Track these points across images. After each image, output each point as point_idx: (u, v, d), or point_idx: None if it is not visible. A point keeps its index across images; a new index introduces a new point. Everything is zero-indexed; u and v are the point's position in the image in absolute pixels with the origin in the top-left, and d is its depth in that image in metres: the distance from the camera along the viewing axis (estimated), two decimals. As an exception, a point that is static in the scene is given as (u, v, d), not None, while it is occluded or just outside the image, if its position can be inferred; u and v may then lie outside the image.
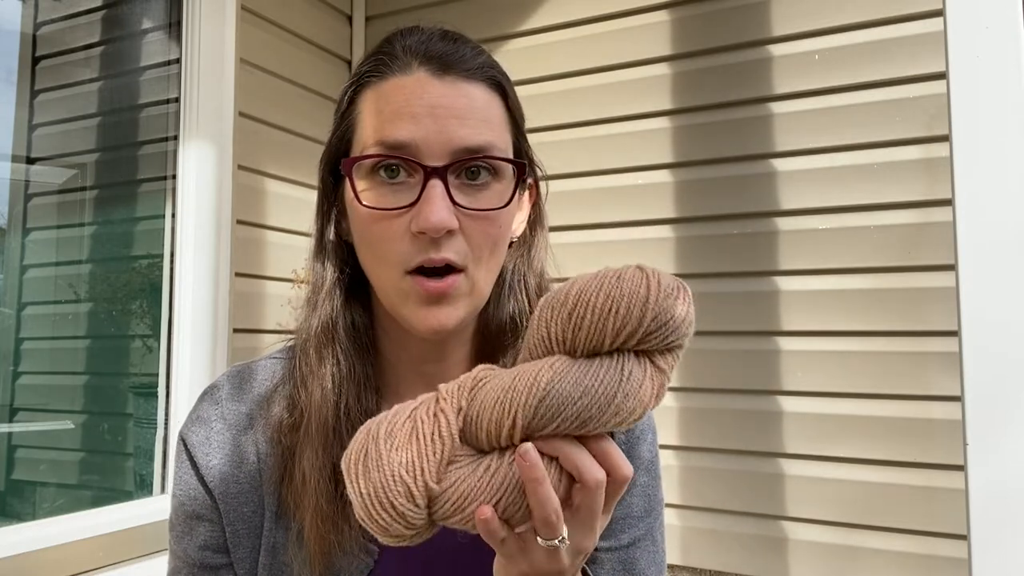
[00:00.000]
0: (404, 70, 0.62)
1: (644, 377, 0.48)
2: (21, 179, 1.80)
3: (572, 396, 0.46)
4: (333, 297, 0.67)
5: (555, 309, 0.48)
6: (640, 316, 0.47)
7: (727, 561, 1.67)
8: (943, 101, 1.48)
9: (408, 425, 0.47)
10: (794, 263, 1.65)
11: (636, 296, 0.47)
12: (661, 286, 0.47)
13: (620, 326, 0.47)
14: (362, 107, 0.64)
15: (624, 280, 0.47)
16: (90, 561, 1.45)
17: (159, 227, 1.79)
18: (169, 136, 1.80)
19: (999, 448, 1.36)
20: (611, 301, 0.47)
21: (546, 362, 0.48)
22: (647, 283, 0.47)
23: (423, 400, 0.50)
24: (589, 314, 0.47)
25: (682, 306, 0.48)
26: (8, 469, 1.73)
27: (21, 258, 1.79)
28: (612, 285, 0.47)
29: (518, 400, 0.46)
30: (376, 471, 0.46)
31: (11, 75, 1.82)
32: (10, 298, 1.73)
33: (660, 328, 0.47)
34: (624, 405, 0.47)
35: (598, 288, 0.47)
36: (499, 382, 0.48)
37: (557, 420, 0.46)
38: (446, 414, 0.47)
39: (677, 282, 0.49)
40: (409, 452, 0.46)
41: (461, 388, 0.49)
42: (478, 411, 0.48)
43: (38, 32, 1.87)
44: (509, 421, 0.46)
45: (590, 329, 0.47)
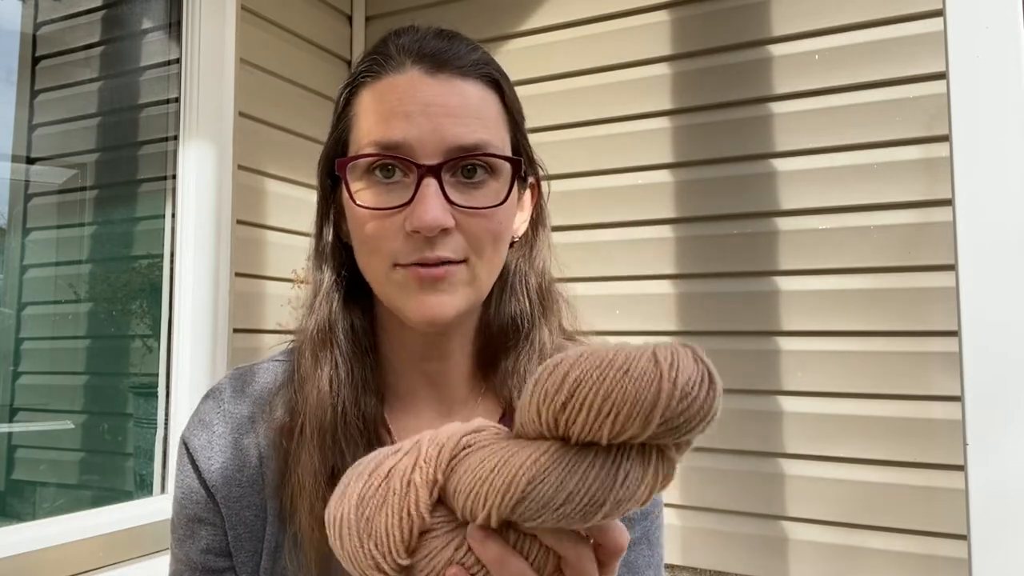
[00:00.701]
0: (398, 69, 0.62)
1: (645, 474, 0.42)
2: (21, 179, 1.80)
3: (554, 502, 0.41)
4: (331, 300, 0.66)
5: (549, 395, 0.42)
6: (645, 423, 0.40)
7: (727, 561, 1.67)
8: (943, 101, 1.48)
9: (380, 493, 0.45)
10: (794, 263, 1.65)
11: (642, 400, 0.39)
12: (677, 387, 0.39)
13: (619, 431, 0.40)
14: (357, 108, 0.64)
15: (631, 376, 0.40)
16: (90, 561, 1.45)
17: (159, 227, 1.79)
18: (169, 136, 1.80)
19: (999, 448, 1.36)
20: (610, 404, 0.40)
21: (533, 452, 0.43)
22: (659, 382, 0.39)
23: (402, 456, 0.46)
24: (584, 413, 0.40)
25: (702, 406, 0.40)
26: (8, 469, 1.73)
27: (21, 258, 1.79)
28: (615, 381, 0.40)
29: (494, 498, 0.42)
30: (348, 539, 0.45)
31: (11, 75, 1.82)
32: (10, 298, 1.73)
33: (670, 431, 0.40)
34: (614, 510, 0.42)
35: (598, 382, 0.40)
36: (480, 465, 0.44)
37: (537, 521, 0.42)
38: (417, 489, 0.45)
39: (701, 374, 0.41)
40: (379, 524, 0.44)
41: (440, 456, 0.45)
42: (454, 489, 0.45)
43: (38, 32, 1.87)
44: (484, 514, 0.43)
45: (584, 427, 0.41)
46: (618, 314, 1.81)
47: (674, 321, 1.75)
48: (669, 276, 1.77)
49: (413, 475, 0.45)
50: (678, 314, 1.75)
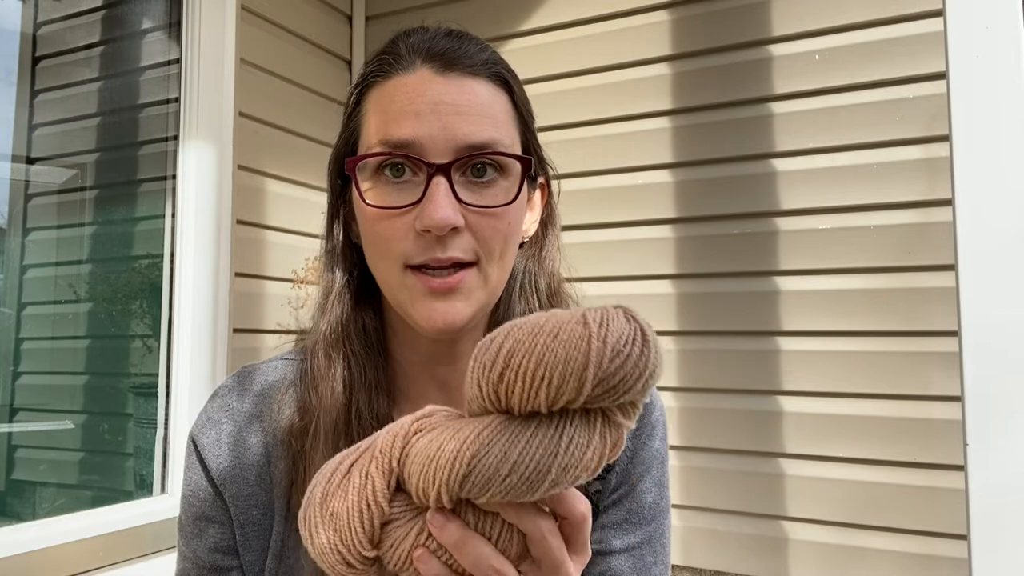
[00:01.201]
0: (408, 69, 0.62)
1: (591, 439, 0.42)
2: (21, 179, 1.80)
3: (499, 473, 0.41)
4: (343, 300, 0.67)
5: (486, 368, 0.42)
6: (578, 385, 0.40)
7: (727, 561, 1.67)
8: (943, 101, 1.48)
9: (342, 488, 0.45)
10: (794, 263, 1.65)
11: (572, 362, 0.39)
12: (607, 346, 0.40)
13: (555, 396, 0.40)
14: (367, 108, 0.64)
15: (560, 340, 0.40)
16: (90, 561, 1.45)
17: (159, 227, 1.79)
18: (169, 136, 1.80)
19: (999, 448, 1.36)
20: (543, 368, 0.40)
21: (477, 426, 0.43)
22: (589, 342, 0.39)
23: (362, 451, 0.47)
24: (520, 381, 0.41)
25: (636, 364, 0.40)
26: (8, 469, 1.73)
27: (21, 258, 1.79)
28: (545, 347, 0.40)
29: (441, 475, 0.42)
30: (316, 537, 0.45)
31: (11, 75, 1.82)
32: (10, 298, 1.73)
33: (608, 392, 0.40)
34: (562, 477, 0.41)
35: (530, 349, 0.40)
36: (427, 445, 0.44)
37: (486, 495, 0.42)
38: (374, 479, 0.45)
39: (633, 332, 0.41)
40: (341, 518, 0.45)
41: (394, 445, 0.45)
42: (408, 474, 0.44)
43: (38, 32, 1.87)
44: (434, 493, 0.43)
45: (522, 396, 0.41)
46: (618, 314, 1.81)
47: (674, 321, 1.75)
48: (669, 276, 1.77)
49: (370, 467, 0.45)
50: (678, 314, 1.75)
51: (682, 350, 1.75)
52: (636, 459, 0.70)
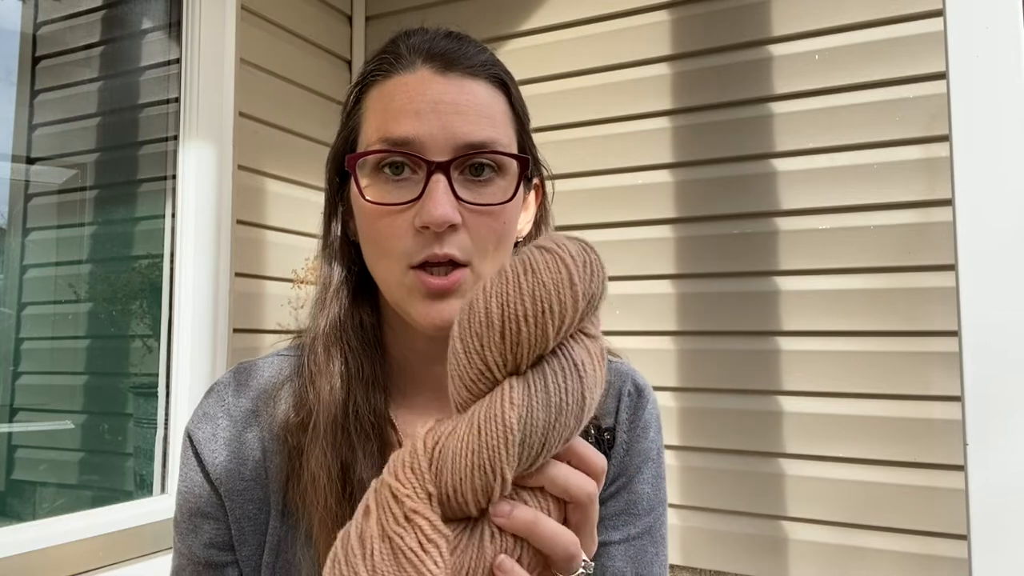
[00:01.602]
0: (408, 68, 0.63)
1: (591, 355, 0.44)
2: (21, 179, 1.80)
3: (549, 422, 0.41)
4: (341, 296, 0.67)
5: (481, 336, 0.42)
6: (574, 302, 0.42)
7: (727, 561, 1.67)
8: (943, 101, 1.48)
9: (387, 550, 0.40)
10: (794, 263, 1.65)
11: (561, 284, 0.42)
12: (575, 260, 0.43)
13: (559, 323, 0.42)
14: (367, 106, 0.65)
15: (540, 272, 0.42)
16: (90, 561, 1.45)
17: (159, 227, 1.79)
18: (169, 136, 1.80)
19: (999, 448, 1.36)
20: (541, 302, 0.41)
21: (499, 397, 0.41)
22: (563, 263, 0.42)
23: (380, 504, 0.42)
24: (525, 326, 0.41)
25: (601, 269, 0.44)
26: (8, 469, 1.73)
27: (21, 258, 1.79)
28: (533, 284, 0.42)
29: (498, 455, 0.40)
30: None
31: (11, 75, 1.82)
32: (10, 298, 1.73)
33: (590, 301, 0.44)
34: (593, 398, 0.43)
35: (518, 293, 0.42)
36: (462, 443, 0.41)
37: (544, 452, 0.41)
38: (421, 514, 0.40)
39: (578, 244, 0.45)
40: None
41: (417, 470, 0.42)
42: (454, 486, 0.41)
43: (38, 32, 1.87)
44: (499, 482, 0.40)
45: (531, 341, 0.41)
46: (618, 314, 1.81)
47: (674, 321, 1.75)
48: (669, 276, 1.77)
49: (404, 506, 0.40)
50: (678, 314, 1.75)
51: (682, 350, 1.75)
52: (632, 452, 0.70)
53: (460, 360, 0.43)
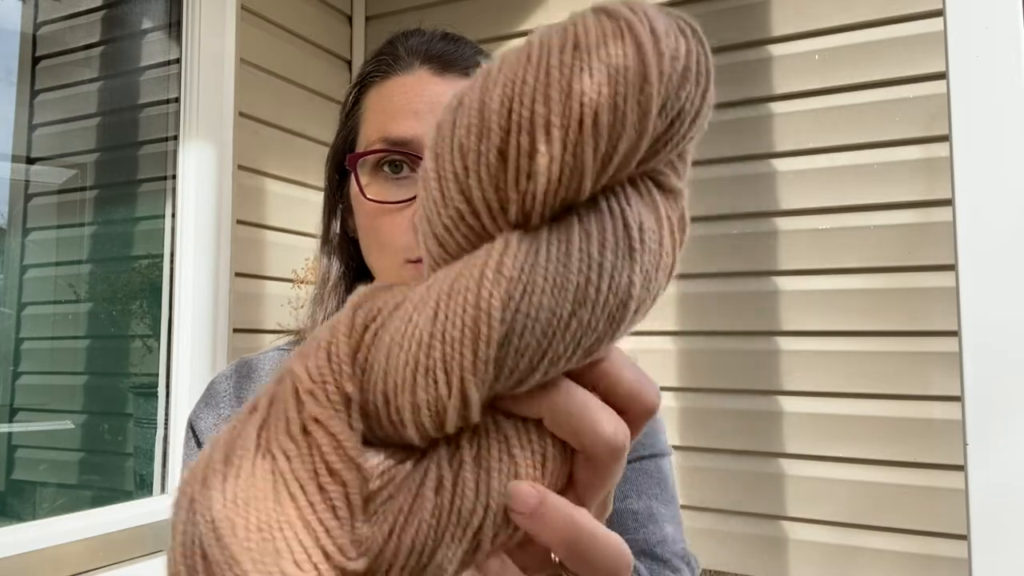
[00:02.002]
0: (406, 69, 0.64)
1: (660, 218, 0.26)
2: (21, 179, 1.80)
3: (559, 316, 0.24)
4: (339, 290, 0.68)
5: (467, 152, 0.24)
6: (642, 115, 0.23)
7: (727, 561, 1.67)
8: (943, 101, 1.48)
9: (263, 474, 0.24)
10: (794, 263, 1.65)
11: (624, 77, 0.23)
12: (660, 42, 0.23)
13: (609, 148, 0.24)
14: (366, 106, 0.66)
15: (591, 50, 0.23)
16: (90, 561, 1.45)
17: (159, 227, 1.79)
18: (169, 136, 1.80)
19: (999, 448, 1.36)
20: (580, 104, 0.23)
21: (481, 261, 0.25)
22: (636, 43, 0.23)
23: (268, 405, 0.26)
24: (546, 143, 0.23)
25: (697, 64, 0.25)
26: (8, 469, 1.73)
27: (21, 258, 1.79)
28: (572, 69, 0.23)
29: (459, 356, 0.24)
30: None
31: (11, 75, 1.82)
32: (10, 298, 1.73)
33: (676, 122, 0.25)
34: (648, 290, 0.25)
35: (543, 83, 0.23)
36: (408, 328, 0.25)
37: (545, 365, 0.25)
38: (327, 427, 0.24)
39: (670, 19, 0.25)
40: (291, 527, 0.23)
41: (335, 358, 0.26)
42: (386, 393, 0.25)
43: (38, 32, 1.87)
44: (455, 400, 0.24)
45: (553, 173, 0.24)
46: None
47: (673, 321, 1.75)
48: (669, 276, 1.77)
49: (304, 411, 0.25)
50: (677, 314, 1.75)
51: (682, 350, 1.75)
52: None
53: (431, 190, 0.26)
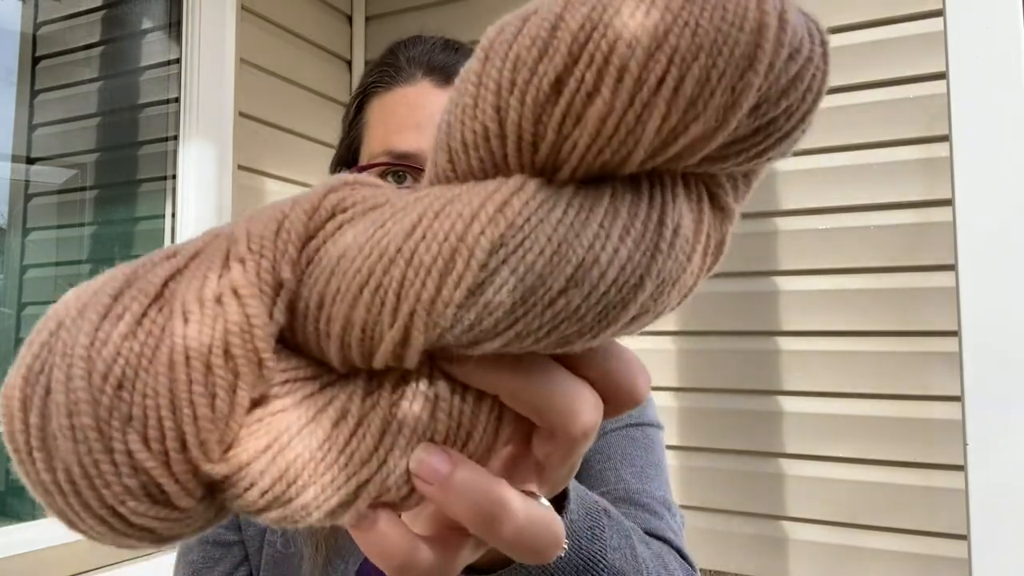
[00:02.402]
0: (408, 81, 0.65)
1: (699, 227, 0.23)
2: (21, 179, 1.80)
3: (546, 285, 0.20)
4: None
5: (517, 69, 0.20)
6: (732, 104, 0.20)
7: (727, 561, 1.67)
8: (943, 101, 1.48)
9: (150, 330, 0.20)
10: (794, 263, 1.65)
11: (732, 53, 0.19)
12: (785, 35, 0.20)
13: (681, 125, 0.20)
14: (369, 116, 0.67)
15: (708, 7, 0.19)
16: (90, 561, 1.45)
17: (159, 227, 1.79)
18: (169, 136, 1.80)
19: (999, 448, 1.36)
20: (672, 61, 0.19)
21: (490, 194, 0.21)
22: (760, 22, 0.19)
23: (193, 254, 0.22)
24: (609, 90, 0.19)
25: (815, 78, 0.22)
26: (8, 469, 1.73)
27: (21, 258, 1.79)
28: (678, 18, 0.19)
29: (417, 285, 0.20)
30: (68, 439, 0.19)
31: (11, 75, 1.82)
32: (10, 298, 1.73)
33: (760, 131, 0.21)
34: (655, 300, 0.22)
35: (634, 21, 0.19)
36: (378, 231, 0.21)
37: (503, 337, 0.21)
38: (246, 305, 0.21)
39: (809, 20, 0.22)
40: (154, 397, 0.20)
41: (286, 234, 0.22)
42: (322, 299, 0.22)
43: (38, 32, 1.87)
44: (396, 333, 0.21)
45: (601, 127, 0.20)
46: (618, 314, 1.80)
47: (673, 321, 1.75)
48: (669, 276, 1.77)
49: (227, 280, 0.21)
50: (677, 314, 1.75)
51: (682, 350, 1.75)
52: None
53: (464, 94, 0.22)
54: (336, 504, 0.22)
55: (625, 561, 0.45)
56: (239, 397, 0.21)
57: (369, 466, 0.22)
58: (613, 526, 0.45)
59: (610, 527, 0.44)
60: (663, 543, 0.57)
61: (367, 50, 2.14)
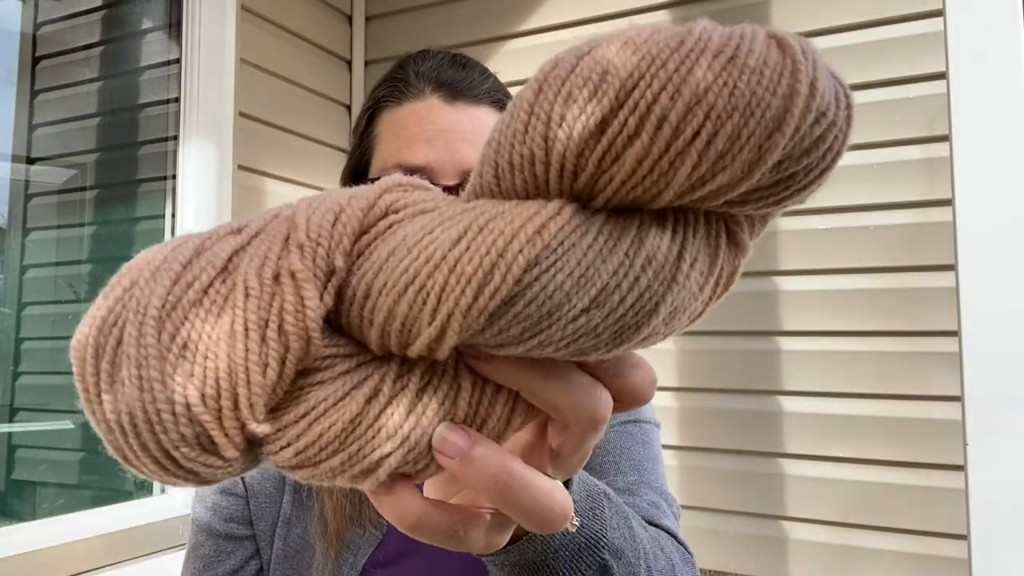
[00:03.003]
0: (417, 96, 0.68)
1: (714, 263, 0.26)
2: (21, 179, 1.80)
3: (575, 300, 0.23)
4: None
5: (576, 103, 0.22)
6: (756, 160, 0.22)
7: (727, 561, 1.67)
8: (943, 101, 1.48)
9: (216, 299, 0.24)
10: (794, 263, 1.65)
11: (762, 116, 0.21)
12: (817, 91, 0.22)
13: (709, 174, 0.22)
14: (379, 129, 0.70)
15: (746, 71, 0.22)
16: (90, 561, 1.45)
17: (159, 227, 1.79)
18: (169, 136, 1.80)
19: (999, 448, 1.36)
20: (708, 118, 0.21)
21: (530, 215, 0.23)
22: (791, 89, 0.22)
23: (255, 234, 0.25)
24: (648, 133, 0.22)
25: (835, 141, 0.24)
26: (8, 469, 1.73)
27: (21, 258, 1.79)
28: (718, 79, 0.22)
29: (457, 292, 0.23)
30: (135, 387, 0.23)
31: (11, 75, 1.82)
32: (10, 298, 1.73)
33: (781, 183, 0.24)
34: (667, 324, 0.25)
35: (684, 74, 0.22)
36: (427, 237, 0.24)
37: (526, 344, 0.24)
38: (301, 285, 0.24)
39: (838, 84, 0.24)
40: (215, 360, 0.23)
41: (340, 227, 0.25)
42: (369, 290, 0.24)
43: (38, 32, 1.87)
44: (433, 331, 0.23)
45: (641, 165, 0.22)
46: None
47: (674, 321, 1.75)
48: (669, 276, 1.77)
49: (287, 262, 0.24)
50: (678, 314, 1.75)
51: (682, 350, 1.75)
52: None
53: (517, 119, 0.24)
54: (359, 471, 0.25)
55: (624, 540, 0.47)
56: (287, 368, 0.24)
57: (393, 440, 0.25)
58: (613, 508, 0.48)
59: (610, 508, 0.47)
60: (660, 530, 0.60)
61: (367, 50, 2.14)
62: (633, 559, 0.47)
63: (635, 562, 0.47)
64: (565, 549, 0.43)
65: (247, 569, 0.71)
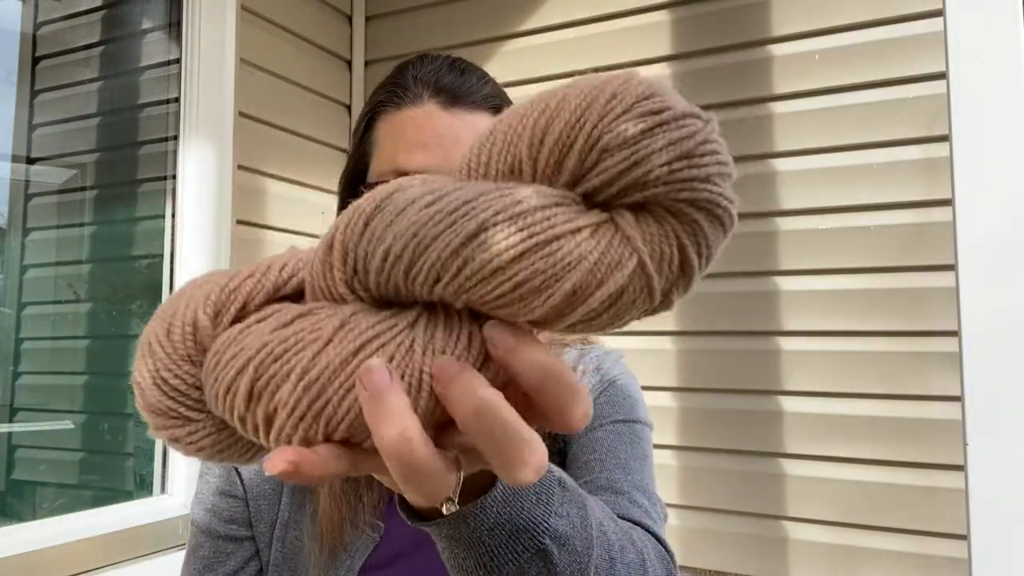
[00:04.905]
0: (416, 102, 0.69)
1: (594, 244, 0.31)
2: (21, 179, 1.80)
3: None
4: None
5: (540, 141, 0.33)
6: (571, 139, 0.31)
7: (727, 561, 1.67)
8: (943, 101, 1.48)
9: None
10: (794, 263, 1.65)
11: (569, 108, 0.32)
12: (630, 90, 0.32)
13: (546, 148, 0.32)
14: (378, 134, 0.70)
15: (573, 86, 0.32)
16: (90, 561, 1.45)
17: (159, 227, 1.79)
18: (169, 136, 1.80)
19: (999, 448, 1.36)
20: (531, 116, 0.32)
21: (513, 198, 0.32)
22: (602, 90, 0.32)
23: (290, 257, 0.38)
24: (528, 127, 0.33)
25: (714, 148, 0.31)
26: (8, 469, 1.73)
27: (21, 258, 1.79)
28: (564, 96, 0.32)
29: (441, 247, 0.31)
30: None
31: (11, 75, 1.82)
32: (10, 298, 1.73)
33: (595, 170, 0.31)
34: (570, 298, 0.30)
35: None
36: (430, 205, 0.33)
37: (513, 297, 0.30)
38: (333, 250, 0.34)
39: (680, 104, 0.33)
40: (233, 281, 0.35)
41: (357, 216, 0.35)
42: (374, 248, 0.32)
43: (38, 32, 1.87)
44: (455, 266, 0.31)
45: (535, 143, 0.32)
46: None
47: (673, 321, 1.75)
48: (669, 276, 1.77)
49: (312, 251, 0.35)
50: (677, 314, 1.75)
51: (682, 350, 1.75)
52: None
53: (507, 130, 0.34)
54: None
55: (573, 528, 0.46)
56: (264, 286, 0.37)
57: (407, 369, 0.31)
58: (566, 495, 0.48)
59: (561, 495, 0.47)
60: (637, 526, 0.59)
61: (367, 50, 2.14)
62: (582, 549, 0.46)
63: (584, 552, 0.46)
64: (501, 529, 0.43)
65: (247, 570, 0.71)
